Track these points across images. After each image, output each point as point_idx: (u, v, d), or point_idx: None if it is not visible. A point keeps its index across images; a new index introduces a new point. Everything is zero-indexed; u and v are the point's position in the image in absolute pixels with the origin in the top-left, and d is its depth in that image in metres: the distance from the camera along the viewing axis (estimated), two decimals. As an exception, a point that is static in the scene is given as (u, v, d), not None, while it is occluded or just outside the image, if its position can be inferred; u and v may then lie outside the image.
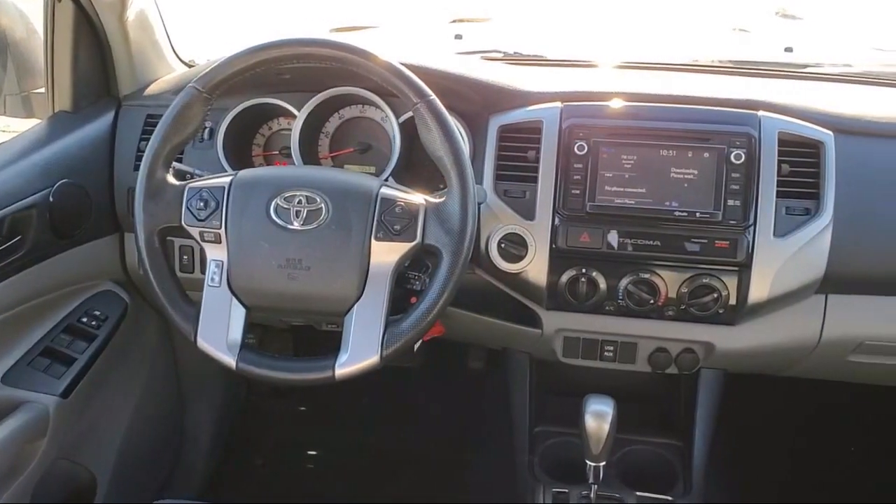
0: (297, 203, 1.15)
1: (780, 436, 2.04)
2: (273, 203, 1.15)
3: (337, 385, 1.13)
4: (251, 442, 2.26)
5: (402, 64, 1.19)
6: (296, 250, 1.14)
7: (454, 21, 2.59)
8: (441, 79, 1.37)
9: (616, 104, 1.36)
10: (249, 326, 1.17)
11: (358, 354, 1.12)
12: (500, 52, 1.78)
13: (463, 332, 1.55)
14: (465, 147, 1.18)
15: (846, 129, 1.33)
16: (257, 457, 2.24)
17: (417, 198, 1.16)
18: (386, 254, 1.13)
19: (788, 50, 1.84)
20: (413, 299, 1.23)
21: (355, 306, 1.13)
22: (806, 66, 1.69)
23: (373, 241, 1.13)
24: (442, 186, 1.16)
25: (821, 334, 1.39)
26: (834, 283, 1.32)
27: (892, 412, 1.96)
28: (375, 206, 1.14)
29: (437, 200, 1.16)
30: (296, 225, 1.14)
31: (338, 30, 2.22)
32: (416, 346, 1.40)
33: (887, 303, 1.36)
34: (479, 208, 1.31)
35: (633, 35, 2.29)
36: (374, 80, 1.18)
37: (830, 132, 1.32)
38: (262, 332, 2.04)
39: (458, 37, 2.02)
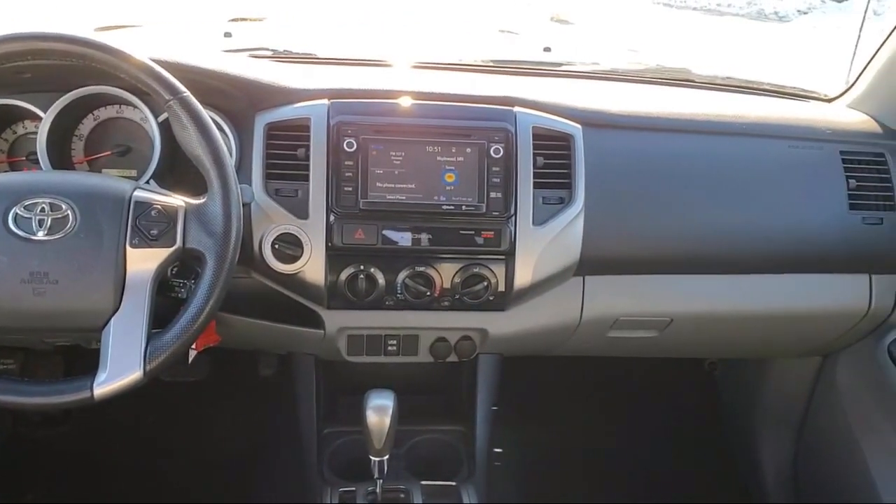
0: (40, 211, 1.06)
1: (556, 412, 2.17)
2: (11, 213, 1.06)
3: (118, 405, 1.06)
4: (21, 476, 2.06)
5: (156, 61, 1.13)
6: (41, 263, 1.05)
7: (232, 20, 2.52)
8: (201, 76, 1.32)
9: (382, 101, 1.38)
10: (2, 351, 1.07)
11: (118, 371, 1.05)
12: (269, 49, 1.74)
13: (242, 339, 1.51)
14: (224, 145, 1.14)
15: (593, 122, 1.43)
16: (28, 493, 2.04)
17: (176, 200, 1.11)
18: (144, 261, 1.07)
19: (547, 50, 1.96)
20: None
21: (112, 320, 1.06)
22: (561, 64, 1.81)
23: (128, 248, 1.07)
24: None
25: (581, 314, 1.49)
26: (589, 265, 1.42)
27: (651, 381, 2.16)
28: (129, 211, 1.08)
29: (197, 202, 1.11)
30: (40, 235, 1.05)
31: (102, 28, 2.07)
32: (192, 358, 1.35)
33: (637, 281, 1.49)
34: (249, 208, 1.29)
35: (407, 35, 2.35)
36: (125, 79, 1.12)
37: (579, 125, 1.41)
38: (24, 357, 1.86)
39: (228, 35, 1.95)
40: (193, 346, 1.31)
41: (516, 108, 1.39)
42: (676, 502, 2.00)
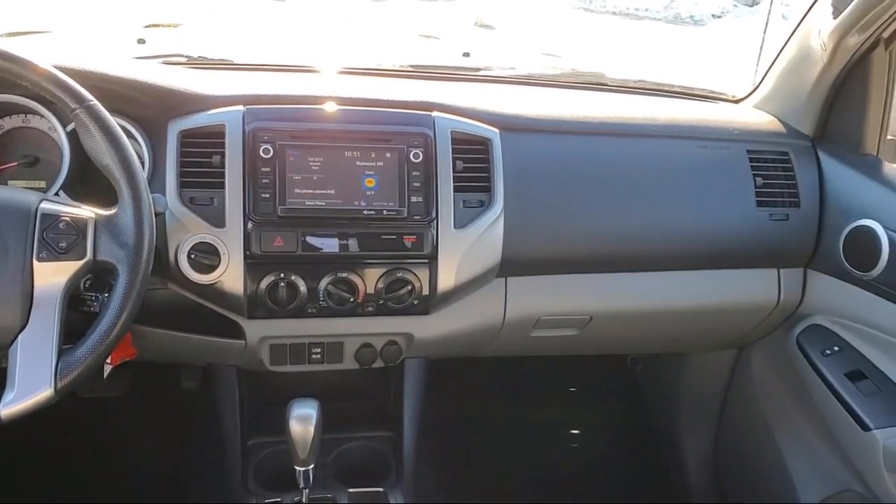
0: None
1: (483, 413, 2.19)
2: None
3: (34, 424, 1.02)
4: None
5: (62, 69, 1.10)
6: None
7: (147, 27, 2.47)
8: (110, 83, 1.28)
9: (299, 107, 1.37)
10: None
11: (27, 389, 1.01)
12: (183, 56, 1.71)
13: (161, 352, 1.47)
14: (135, 154, 1.11)
15: (510, 126, 1.45)
16: None
17: (85, 211, 1.08)
18: (52, 275, 1.04)
19: (466, 55, 1.98)
20: None
21: (20, 336, 1.02)
22: (479, 69, 1.83)
23: (35, 262, 1.03)
24: None
25: (504, 314, 1.51)
26: (511, 266, 1.44)
27: (577, 378, 2.21)
28: (35, 224, 1.04)
29: (108, 213, 1.08)
30: None
31: (9, 34, 1.99)
32: (107, 373, 1.31)
33: (557, 281, 1.52)
34: (163, 218, 1.26)
35: (327, 40, 2.34)
36: (27, 87, 1.08)
37: (496, 130, 1.43)
38: None
39: (141, 41, 1.91)
40: (108, 361, 1.27)
41: (435, 113, 1.40)
42: (602, 500, 2.05)
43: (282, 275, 1.33)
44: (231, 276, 1.30)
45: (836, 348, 1.55)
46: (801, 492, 1.68)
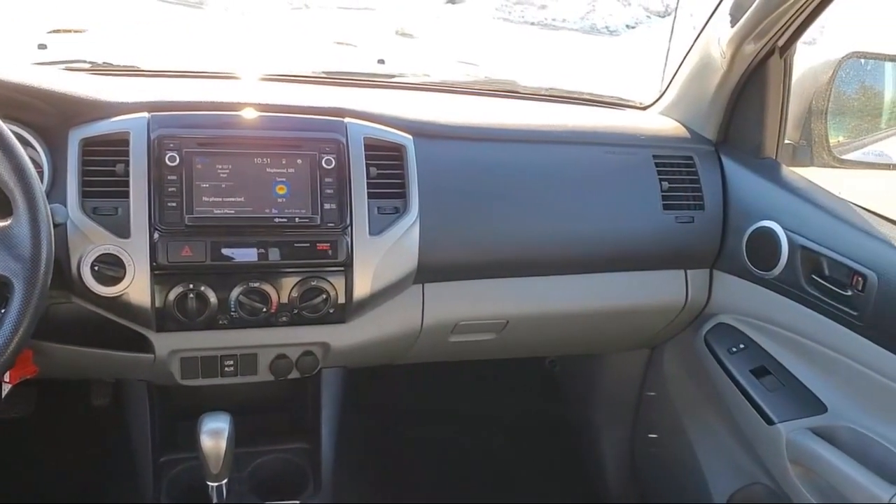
0: None
1: (405, 420, 2.19)
2: None
3: None
4: None
5: None
6: None
7: (50, 32, 2.39)
8: (4, 89, 1.23)
9: (207, 114, 1.34)
10: None
11: None
12: (86, 62, 1.66)
13: (66, 369, 1.42)
14: (30, 163, 1.07)
15: (423, 132, 1.46)
16: None
17: None
18: None
19: (381, 62, 1.99)
20: None
21: None
22: (394, 76, 1.83)
23: None
24: None
25: (422, 321, 1.51)
26: (428, 272, 1.45)
27: (498, 382, 2.22)
28: None
29: (2, 224, 1.04)
30: None
31: None
32: (6, 392, 1.26)
33: (474, 286, 1.53)
34: (63, 229, 1.22)
35: (240, 48, 2.30)
36: None
37: (410, 136, 1.43)
38: None
39: (42, 46, 1.84)
40: (6, 380, 1.22)
41: (347, 119, 1.39)
42: (522, 501, 2.07)
43: (191, 286, 1.29)
44: (137, 287, 1.26)
45: (741, 346, 1.60)
46: (713, 486, 1.74)
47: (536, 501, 2.08)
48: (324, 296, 1.35)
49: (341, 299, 1.37)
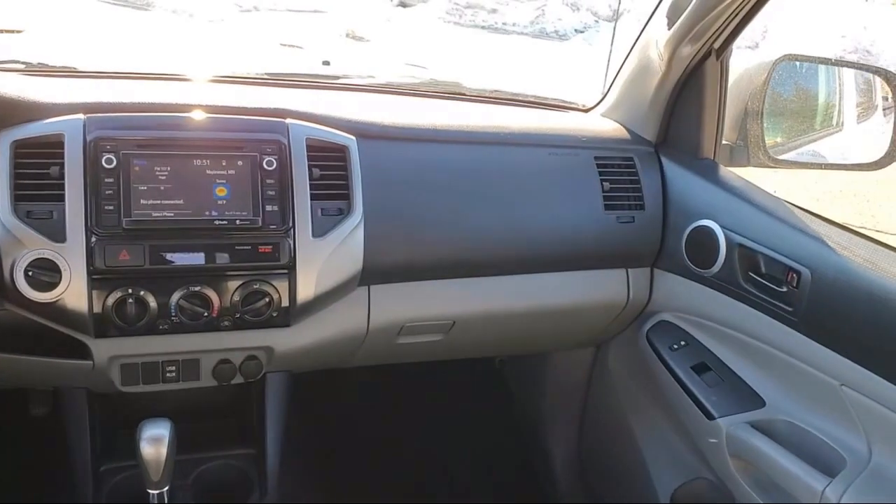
0: None
1: (353, 423, 2.18)
2: None
3: None
4: None
5: None
6: None
7: (-17, 32, 2.32)
8: None
9: (145, 115, 1.32)
10: None
11: None
12: (20, 62, 1.61)
13: (0, 377, 1.37)
14: None
15: (367, 133, 1.46)
16: None
17: None
18: None
19: (326, 63, 1.98)
20: None
21: None
22: (338, 77, 1.82)
23: None
24: None
25: (368, 323, 1.50)
26: (373, 274, 1.44)
27: (447, 383, 2.23)
28: None
29: None
30: None
31: None
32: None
33: (420, 287, 1.53)
34: (-6, 234, 1.18)
35: (184, 50, 2.27)
36: None
37: (353, 137, 1.43)
38: None
39: (-26, 47, 1.79)
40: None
41: (289, 120, 1.38)
42: (471, 500, 2.07)
43: (129, 290, 1.27)
44: (74, 293, 1.23)
45: (682, 343, 1.64)
46: (657, 481, 1.77)
47: (484, 501, 2.09)
48: (266, 299, 1.34)
49: (285, 302, 1.35)
